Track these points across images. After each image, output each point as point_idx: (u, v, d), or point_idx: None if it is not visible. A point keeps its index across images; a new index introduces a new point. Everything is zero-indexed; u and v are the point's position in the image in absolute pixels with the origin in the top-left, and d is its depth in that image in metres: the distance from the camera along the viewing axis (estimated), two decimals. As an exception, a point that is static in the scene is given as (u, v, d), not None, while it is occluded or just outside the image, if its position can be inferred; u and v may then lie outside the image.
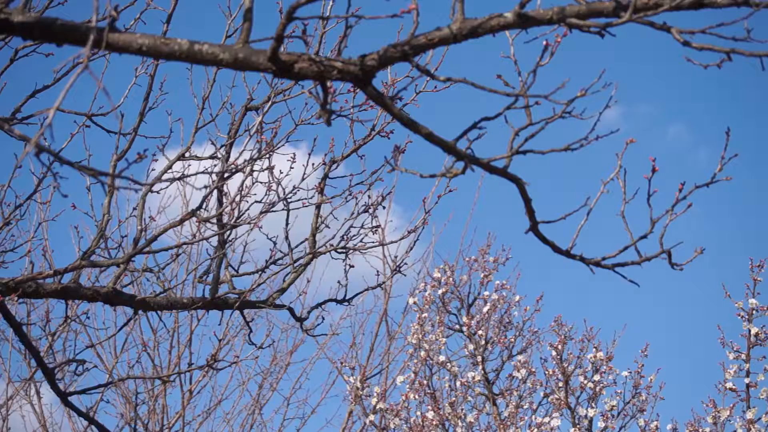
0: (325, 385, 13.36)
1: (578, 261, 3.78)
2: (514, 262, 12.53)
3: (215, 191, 5.49)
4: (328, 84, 3.20)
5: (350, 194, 6.03)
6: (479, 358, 10.14)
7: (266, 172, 5.71)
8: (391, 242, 6.09)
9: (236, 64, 2.95)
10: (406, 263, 6.52)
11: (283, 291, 5.83)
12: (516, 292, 10.64)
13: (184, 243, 5.19)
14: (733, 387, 8.65)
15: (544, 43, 3.36)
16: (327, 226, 6.08)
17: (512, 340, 10.35)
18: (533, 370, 9.84)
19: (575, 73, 3.58)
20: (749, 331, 8.63)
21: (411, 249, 6.43)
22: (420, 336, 10.09)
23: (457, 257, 11.47)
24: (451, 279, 10.64)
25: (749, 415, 8.50)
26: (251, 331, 5.88)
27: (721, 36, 3.03)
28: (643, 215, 3.81)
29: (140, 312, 5.55)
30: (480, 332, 10.23)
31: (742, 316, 8.65)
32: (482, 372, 10.09)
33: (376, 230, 6.13)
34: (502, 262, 10.82)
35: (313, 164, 5.70)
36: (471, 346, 10.21)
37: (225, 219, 5.54)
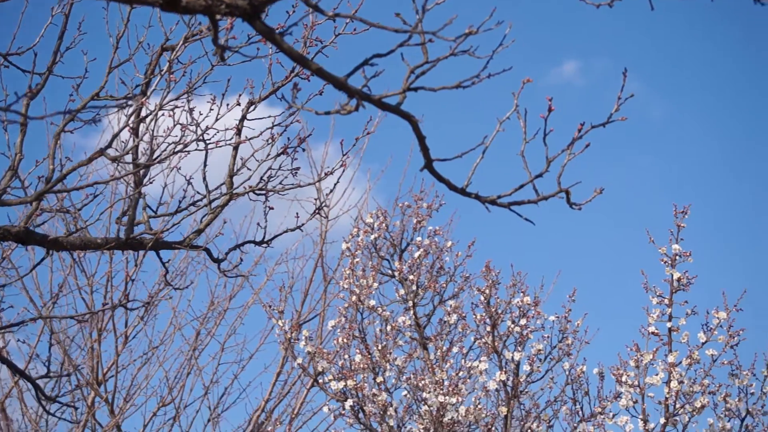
0: (264, 330, 13.44)
1: (474, 199, 3.82)
2: (450, 209, 12.56)
3: (130, 131, 5.47)
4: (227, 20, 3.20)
5: (270, 136, 6.04)
6: (410, 303, 10.20)
7: (185, 113, 5.70)
8: (309, 184, 6.10)
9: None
10: (327, 206, 6.54)
11: (199, 232, 5.83)
12: (449, 238, 10.69)
13: (96, 182, 5.17)
14: (656, 331, 8.77)
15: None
16: (248, 168, 6.08)
17: (444, 285, 10.40)
18: (464, 315, 9.91)
19: (502, 15, 3.58)
20: (672, 276, 8.74)
21: (331, 192, 6.45)
22: (351, 281, 10.13)
23: (394, 205, 11.51)
24: (384, 224, 10.66)
25: (671, 358, 8.63)
26: (167, 272, 5.89)
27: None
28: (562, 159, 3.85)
29: (54, 252, 5.52)
30: (411, 277, 10.28)
31: (666, 262, 8.77)
32: (413, 317, 10.15)
33: (295, 172, 6.15)
34: (435, 208, 10.84)
35: (227, 105, 5.69)
36: (402, 291, 10.26)
37: (142, 160, 5.54)
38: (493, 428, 8.95)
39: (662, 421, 8.68)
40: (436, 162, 3.65)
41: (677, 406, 8.68)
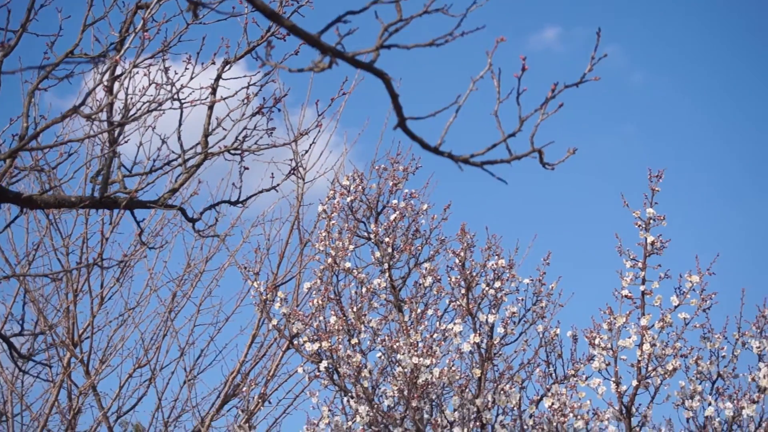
0: (240, 293, 13.45)
1: (447, 158, 3.84)
2: (426, 172, 12.57)
3: (104, 90, 5.45)
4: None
5: (245, 96, 6.04)
6: (386, 266, 10.23)
7: (160, 72, 5.69)
8: (284, 144, 6.10)
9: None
10: (303, 167, 6.55)
11: (174, 191, 5.84)
12: (425, 201, 10.71)
13: (71, 140, 5.15)
14: (629, 294, 8.84)
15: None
16: (223, 128, 6.08)
17: (419, 248, 10.44)
18: (439, 277, 9.95)
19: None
20: (646, 239, 8.80)
21: (306, 153, 6.47)
22: (327, 243, 10.15)
23: (371, 168, 11.51)
24: (360, 187, 10.68)
25: (643, 321, 8.70)
26: (142, 231, 5.89)
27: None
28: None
29: (28, 211, 5.52)
30: (387, 240, 10.31)
31: (640, 225, 8.82)
32: (389, 279, 10.19)
33: (270, 132, 6.16)
34: (412, 171, 10.86)
35: (202, 64, 5.68)
36: (378, 254, 10.30)
37: (116, 118, 5.53)
38: (467, 390, 9.01)
39: (634, 383, 8.76)
40: (409, 120, 3.66)
41: (649, 368, 8.76)
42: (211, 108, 5.90)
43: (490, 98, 3.89)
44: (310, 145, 6.34)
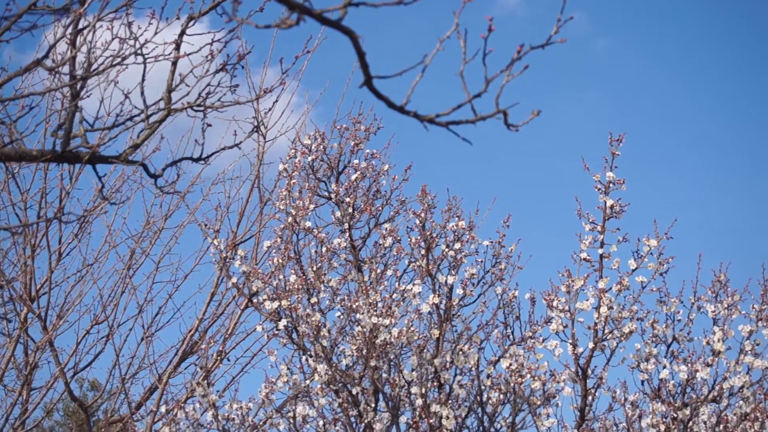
0: (199, 251, 13.43)
1: (412, 117, 3.85)
2: (387, 133, 12.56)
3: (67, 43, 5.40)
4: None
5: (209, 52, 6.00)
6: (346, 226, 10.25)
7: (123, 26, 5.64)
8: (248, 101, 6.08)
9: None
10: (265, 126, 6.53)
11: (136, 147, 5.80)
12: (386, 161, 10.71)
13: (32, 93, 5.11)
14: (588, 257, 8.91)
15: None
16: (186, 84, 6.05)
17: (380, 208, 10.46)
18: (399, 238, 9.97)
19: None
20: (605, 203, 8.86)
21: (270, 111, 6.45)
22: (288, 202, 10.15)
23: (332, 127, 11.49)
24: (321, 146, 10.66)
25: (601, 284, 8.78)
26: (103, 186, 5.86)
27: None
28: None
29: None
30: (348, 200, 10.31)
31: (599, 189, 8.88)
32: (349, 239, 10.21)
33: (234, 89, 6.13)
34: (373, 131, 10.85)
35: (167, 19, 5.64)
36: (338, 214, 10.31)
37: (79, 72, 5.48)
38: (425, 350, 9.06)
39: (591, 345, 8.85)
40: (375, 80, 3.67)
41: (606, 331, 8.84)
42: (174, 64, 5.86)
43: (457, 59, 3.89)
44: (273, 103, 6.34)
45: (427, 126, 3.87)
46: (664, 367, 9.30)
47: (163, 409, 9.32)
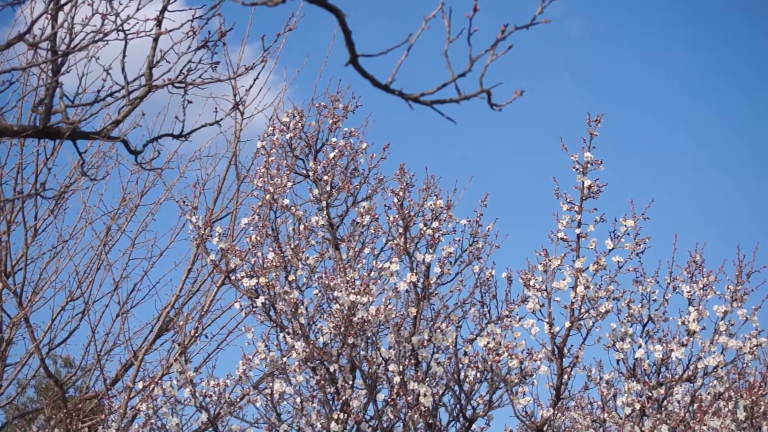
0: (175, 228, 13.42)
1: (397, 96, 3.86)
2: (365, 111, 12.56)
3: (48, 19, 5.38)
4: None
5: (190, 29, 5.99)
6: (324, 204, 10.25)
7: (104, 2, 5.62)
8: (229, 78, 6.07)
9: None
10: (244, 101, 6.52)
11: (117, 123, 5.79)
12: (364, 140, 10.71)
13: (13, 69, 5.09)
14: (565, 237, 8.94)
15: None
16: (167, 61, 6.03)
17: (357, 186, 10.47)
18: (377, 216, 9.98)
19: None
20: (583, 183, 8.89)
21: (251, 87, 6.44)
22: (266, 179, 10.14)
23: (309, 105, 11.48)
24: (299, 124, 10.65)
25: (578, 264, 8.82)
26: (84, 162, 5.84)
27: None
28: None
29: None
30: (326, 178, 10.32)
31: (577, 169, 8.91)
32: (326, 217, 10.21)
33: (215, 66, 6.12)
34: (351, 109, 10.84)
35: (149, -6, 5.62)
36: (316, 191, 10.31)
37: (62, 48, 5.46)
38: (402, 328, 9.09)
39: (567, 324, 8.89)
40: (361, 58, 3.67)
41: (582, 310, 8.88)
42: (155, 40, 5.84)
43: (441, 38, 3.90)
44: (254, 80, 6.31)
45: (412, 105, 3.88)
46: (640, 346, 9.36)
47: (140, 385, 9.31)
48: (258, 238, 9.62)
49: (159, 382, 9.44)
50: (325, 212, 10.22)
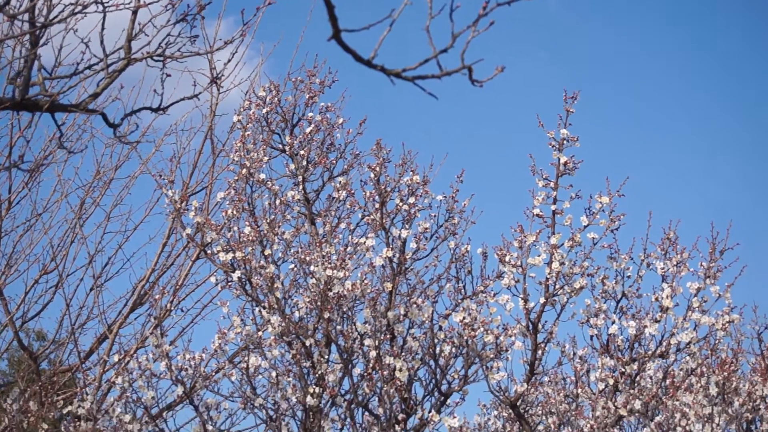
0: (150, 202, 13.39)
1: (379, 71, 3.87)
2: (341, 86, 12.56)
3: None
4: None
5: (169, 1, 5.97)
6: (300, 178, 10.26)
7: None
8: (208, 52, 6.06)
9: None
10: (224, 75, 6.51)
11: (96, 96, 5.77)
12: (340, 115, 10.71)
13: (-8, 40, 5.06)
14: (540, 213, 8.97)
15: None
16: (146, 34, 6.01)
17: (334, 162, 10.48)
18: (353, 191, 9.99)
19: None
20: (559, 160, 8.92)
21: (229, 61, 6.43)
22: (242, 154, 10.13)
23: (285, 80, 11.47)
24: (276, 99, 10.64)
25: (553, 240, 8.85)
26: (62, 135, 5.82)
27: None
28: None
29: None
30: (302, 152, 10.32)
31: (553, 146, 8.94)
32: (302, 192, 10.22)
33: (194, 40, 6.11)
34: (328, 84, 10.84)
35: (128, -33, 5.60)
36: (292, 166, 10.31)
37: (40, 20, 5.44)
38: (378, 303, 9.12)
39: (542, 300, 8.93)
40: (343, 33, 3.68)
41: (557, 286, 8.93)
42: (134, 13, 5.82)
43: (423, 14, 3.92)
44: (232, 54, 6.31)
45: (394, 80, 3.90)
46: (613, 322, 9.43)
47: (115, 358, 9.31)
48: (234, 212, 9.62)
49: (134, 355, 9.45)
50: (301, 187, 10.22)
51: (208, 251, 9.72)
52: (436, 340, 9.08)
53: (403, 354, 8.97)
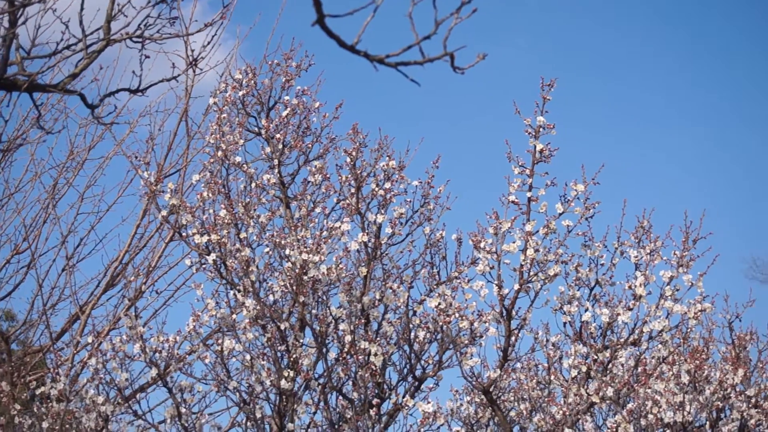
0: (123, 183, 13.35)
1: (362, 57, 3.87)
2: (317, 70, 12.48)
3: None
4: None
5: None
6: (276, 162, 10.24)
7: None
8: (187, 34, 6.04)
9: None
10: (203, 57, 6.50)
11: (74, 76, 5.74)
12: (316, 98, 10.68)
13: (-29, 19, 5.03)
14: (516, 200, 8.98)
15: None
16: (124, 15, 5.99)
17: (309, 145, 10.47)
18: (328, 176, 9.99)
19: None
20: (535, 147, 8.94)
21: (208, 44, 6.41)
22: (218, 136, 10.10)
23: (261, 62, 11.44)
24: (252, 81, 10.62)
25: (528, 227, 8.87)
26: (40, 115, 5.80)
27: None
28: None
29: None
30: (278, 136, 10.30)
31: (530, 133, 8.95)
32: (278, 175, 10.21)
33: (173, 21, 6.08)
34: (304, 68, 10.82)
35: (109, -53, 5.57)
36: (268, 149, 10.29)
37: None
38: (353, 287, 9.13)
39: (516, 287, 8.95)
40: (327, 18, 3.68)
41: (531, 273, 8.95)
42: (114, -7, 5.80)
43: (407, 0, 3.92)
44: (212, 36, 6.30)
45: (377, 66, 3.90)
46: (587, 309, 9.47)
47: (88, 338, 9.28)
48: (209, 194, 9.59)
49: (108, 336, 9.43)
50: (276, 170, 10.21)
51: (183, 233, 9.69)
52: (410, 326, 9.10)
53: (378, 339, 8.99)
